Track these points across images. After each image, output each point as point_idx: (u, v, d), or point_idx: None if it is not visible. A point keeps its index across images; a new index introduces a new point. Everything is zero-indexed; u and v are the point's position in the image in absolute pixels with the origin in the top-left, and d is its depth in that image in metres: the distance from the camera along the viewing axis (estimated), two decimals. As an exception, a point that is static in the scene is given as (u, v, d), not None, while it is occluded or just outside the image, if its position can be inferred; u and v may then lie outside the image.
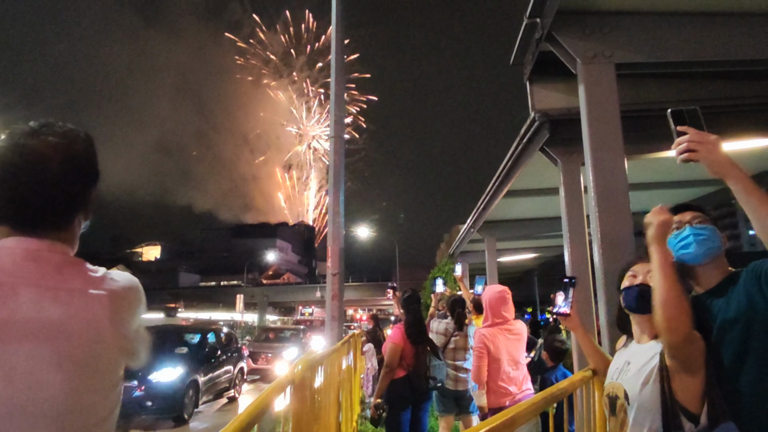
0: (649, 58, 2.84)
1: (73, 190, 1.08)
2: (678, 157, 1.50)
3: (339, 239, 5.89)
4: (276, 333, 17.90)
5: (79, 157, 1.09)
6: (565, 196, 3.51)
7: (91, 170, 1.12)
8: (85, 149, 1.11)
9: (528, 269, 15.04)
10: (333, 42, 6.35)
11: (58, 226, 1.07)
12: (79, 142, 1.10)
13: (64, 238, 1.08)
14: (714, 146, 1.44)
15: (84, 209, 1.13)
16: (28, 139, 1.02)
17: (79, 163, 1.09)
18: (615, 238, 2.63)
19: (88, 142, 1.12)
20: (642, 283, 1.76)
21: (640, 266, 1.83)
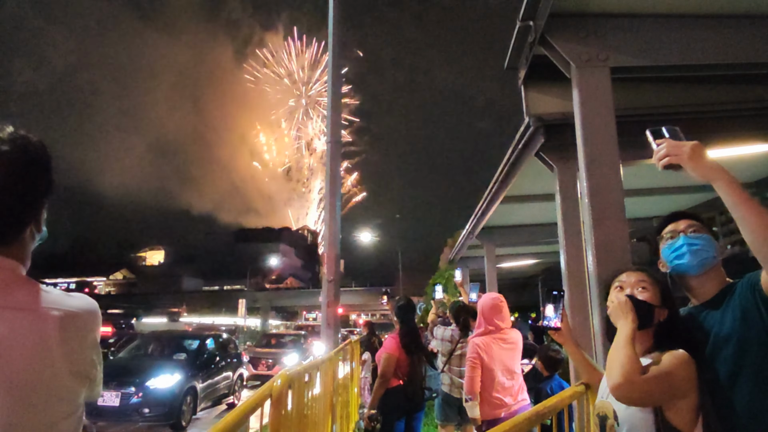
0: (645, 62, 2.78)
1: (21, 202, 1.01)
2: (659, 164, 1.46)
3: (335, 245, 5.83)
4: (277, 339, 17.81)
5: (29, 167, 1.02)
6: (561, 203, 3.44)
7: (43, 180, 1.05)
8: (35, 158, 1.04)
9: (531, 275, 14.92)
10: (330, 47, 6.32)
11: (5, 240, 1.00)
12: (29, 150, 1.03)
13: (13, 254, 1.01)
14: (694, 150, 1.39)
15: (36, 221, 1.06)
16: None
17: (29, 172, 1.02)
18: (610, 246, 2.55)
19: (39, 149, 1.05)
20: (629, 296, 1.68)
21: (627, 276, 1.75)
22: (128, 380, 8.62)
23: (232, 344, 12.67)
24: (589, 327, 3.42)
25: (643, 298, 1.66)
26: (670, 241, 1.78)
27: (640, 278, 1.71)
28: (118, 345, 12.46)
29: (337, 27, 6.28)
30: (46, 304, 0.98)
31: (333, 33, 6.24)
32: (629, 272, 1.75)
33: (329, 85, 6.17)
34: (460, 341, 4.97)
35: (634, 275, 1.73)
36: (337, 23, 6.24)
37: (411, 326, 4.37)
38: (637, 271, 1.75)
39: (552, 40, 2.76)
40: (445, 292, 8.44)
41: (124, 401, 8.32)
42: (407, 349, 4.17)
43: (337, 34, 6.36)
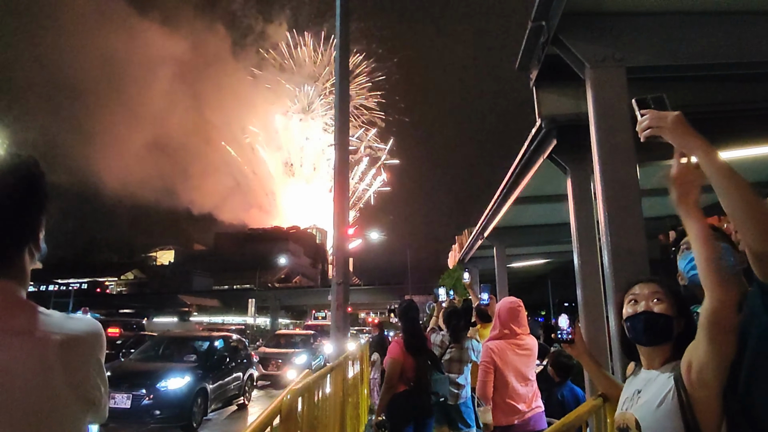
0: (662, 61, 2.69)
1: (17, 224, 0.98)
2: (641, 135, 1.46)
3: (344, 247, 5.79)
4: (286, 339, 17.82)
5: (23, 187, 0.99)
6: (574, 206, 3.36)
7: (38, 198, 1.03)
8: (32, 178, 1.01)
9: (541, 274, 14.80)
10: (337, 47, 6.27)
11: (3, 263, 0.97)
12: (22, 170, 1.00)
13: (11, 276, 0.97)
14: (675, 121, 1.40)
15: (34, 241, 1.03)
16: None
17: (23, 193, 0.99)
18: (627, 252, 2.48)
19: (31, 167, 1.02)
20: (646, 311, 1.61)
21: (640, 288, 1.68)
22: (139, 382, 8.67)
23: (242, 345, 12.69)
24: (604, 334, 3.35)
25: (659, 310, 1.60)
26: (686, 252, 1.72)
27: (653, 290, 1.65)
28: (126, 346, 12.55)
29: (344, 45, 6.23)
30: (47, 328, 0.95)
31: (340, 49, 6.19)
32: (642, 284, 1.69)
33: (336, 91, 6.12)
34: (450, 346, 4.91)
35: (648, 287, 1.67)
36: (344, 46, 6.19)
37: (413, 327, 4.30)
38: (650, 283, 1.69)
39: (565, 39, 2.68)
40: (454, 293, 8.38)
41: (135, 403, 8.36)
42: (412, 351, 4.10)
43: (344, 46, 6.31)
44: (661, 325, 1.58)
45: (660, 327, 1.57)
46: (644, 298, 1.64)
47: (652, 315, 1.58)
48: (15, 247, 0.98)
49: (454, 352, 4.87)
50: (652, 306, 1.61)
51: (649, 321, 1.59)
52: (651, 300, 1.62)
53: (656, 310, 1.59)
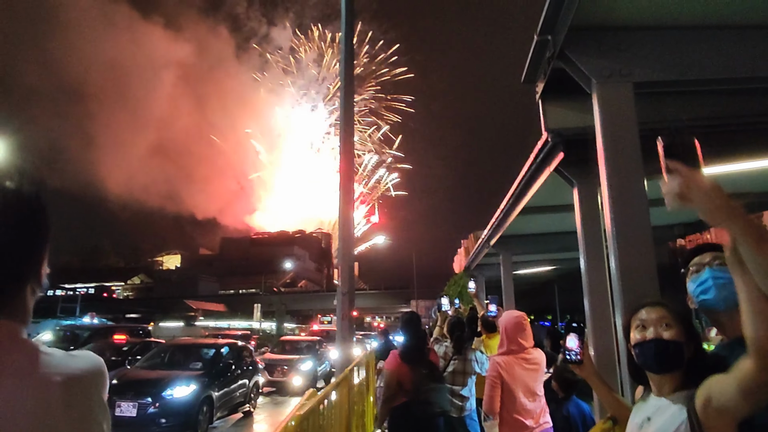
0: (669, 76, 2.66)
1: (18, 262, 0.95)
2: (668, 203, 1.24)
3: (349, 257, 5.77)
4: (292, 345, 17.81)
5: (26, 223, 0.96)
6: (581, 221, 3.32)
7: (40, 235, 0.99)
8: (33, 212, 0.97)
9: (547, 280, 14.72)
10: (342, 50, 6.27)
11: (6, 302, 0.93)
12: (26, 205, 0.97)
13: (11, 315, 0.94)
14: (712, 191, 1.17)
15: (35, 277, 0.99)
16: None
17: (25, 229, 0.96)
18: (635, 270, 2.45)
19: (37, 203, 0.98)
20: (656, 338, 1.58)
21: (647, 312, 1.65)
22: (145, 391, 8.70)
23: (247, 351, 12.69)
24: (613, 345, 3.31)
25: (669, 336, 1.57)
26: (695, 275, 1.68)
27: (661, 315, 1.62)
28: (132, 352, 12.57)
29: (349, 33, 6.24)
30: (48, 369, 0.93)
31: (345, 58, 6.20)
32: (649, 308, 1.65)
33: (341, 100, 6.12)
34: (453, 357, 4.87)
35: (655, 311, 1.63)
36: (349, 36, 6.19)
37: (414, 338, 4.26)
38: (657, 307, 1.65)
39: (571, 54, 2.66)
40: (460, 302, 8.33)
41: (141, 412, 8.39)
42: (408, 362, 4.05)
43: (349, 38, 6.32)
44: (672, 352, 1.55)
45: (670, 354, 1.54)
46: (652, 324, 1.61)
47: (662, 342, 1.55)
48: (15, 286, 0.95)
49: (458, 364, 4.83)
50: (662, 332, 1.57)
51: (659, 348, 1.56)
52: (660, 326, 1.59)
53: (666, 337, 1.56)
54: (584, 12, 2.53)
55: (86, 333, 15.07)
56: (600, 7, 2.55)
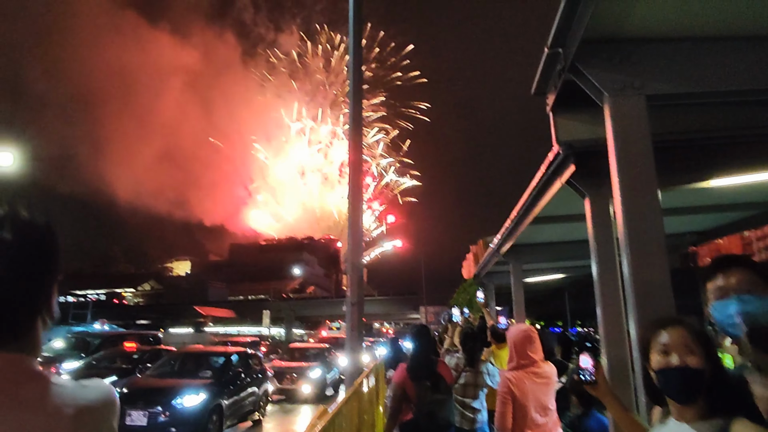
0: (684, 89, 2.62)
1: (30, 294, 0.94)
2: None
3: (358, 267, 5.75)
4: (301, 352, 17.80)
5: (37, 254, 0.95)
6: (594, 233, 3.27)
7: (52, 266, 0.98)
8: (43, 243, 0.97)
9: (558, 287, 14.59)
10: (350, 65, 6.28)
11: (15, 335, 0.93)
12: (36, 236, 0.96)
13: (23, 347, 0.93)
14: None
15: (47, 309, 0.98)
16: None
17: (37, 260, 0.95)
18: (650, 285, 2.40)
19: (47, 233, 0.98)
20: (681, 367, 1.53)
21: (669, 336, 1.59)
22: (155, 399, 8.73)
23: (257, 359, 12.70)
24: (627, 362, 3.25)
25: (694, 364, 1.51)
26: (720, 301, 1.61)
27: (684, 339, 1.56)
28: (142, 360, 12.63)
29: (358, 42, 6.24)
30: (59, 401, 0.92)
31: (354, 67, 6.21)
32: (670, 329, 1.60)
33: (351, 108, 6.12)
34: (464, 369, 4.81)
35: (678, 334, 1.58)
36: (357, 44, 6.20)
37: (423, 348, 4.22)
38: (678, 328, 1.60)
39: (583, 67, 2.63)
40: (469, 311, 8.27)
41: (152, 420, 8.41)
42: (414, 375, 4.01)
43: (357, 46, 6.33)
44: (697, 382, 1.49)
45: (695, 383, 1.49)
46: (675, 349, 1.55)
47: (688, 371, 1.50)
48: (27, 319, 0.94)
49: (469, 377, 4.77)
50: (686, 359, 1.52)
51: (684, 377, 1.51)
52: (683, 351, 1.53)
53: (691, 365, 1.51)
54: (596, 24, 2.49)
55: (97, 341, 15.18)
56: (612, 19, 2.52)
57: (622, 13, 2.49)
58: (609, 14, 2.47)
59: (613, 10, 2.47)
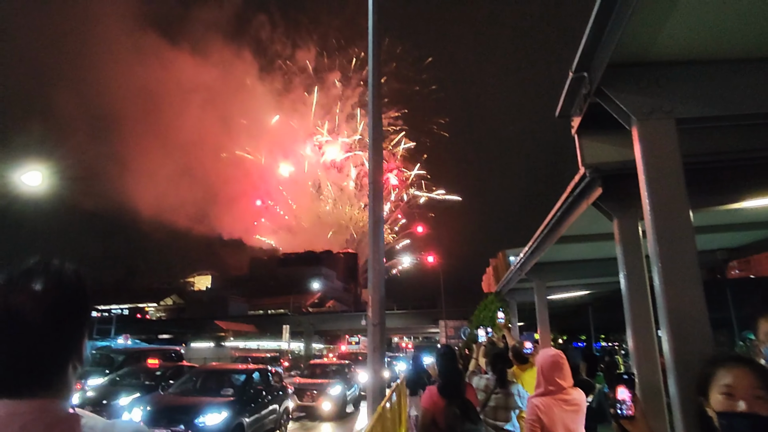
0: (714, 111, 2.55)
1: (61, 341, 0.97)
2: None
3: (380, 288, 5.72)
4: (321, 368, 17.75)
5: (67, 302, 0.98)
6: (623, 256, 3.19)
7: (82, 312, 1.01)
8: (74, 291, 1.00)
9: (582, 303, 14.32)
10: (370, 88, 6.33)
11: (48, 382, 0.95)
12: (67, 285, 0.99)
13: (55, 392, 0.96)
14: None
15: (78, 355, 1.01)
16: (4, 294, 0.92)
17: (68, 308, 0.98)
18: (686, 316, 2.32)
19: (77, 281, 1.01)
20: (753, 414, 1.42)
21: (735, 378, 1.50)
22: (178, 418, 8.77)
23: (278, 376, 12.71)
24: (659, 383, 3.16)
25: (764, 412, 1.42)
26: None
27: (753, 383, 1.46)
28: (165, 377, 12.74)
29: (377, 77, 6.29)
30: None
31: (373, 83, 6.25)
32: (735, 371, 1.50)
33: (370, 127, 6.15)
34: (494, 391, 4.70)
35: (743, 376, 1.47)
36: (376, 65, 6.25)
37: (450, 374, 4.15)
38: (744, 368, 1.50)
39: (609, 92, 2.59)
40: (492, 329, 8.15)
41: (175, 439, 8.44)
42: (444, 395, 3.93)
43: (377, 80, 6.37)
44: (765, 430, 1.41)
45: None
46: (745, 394, 1.45)
47: (758, 420, 1.41)
48: (59, 366, 0.97)
49: (500, 399, 4.67)
50: (755, 406, 1.43)
51: (754, 427, 1.41)
52: (752, 397, 1.44)
53: (762, 413, 1.41)
54: (622, 48, 2.46)
55: (121, 357, 15.39)
56: (638, 42, 2.48)
57: (649, 36, 2.46)
58: (636, 38, 2.44)
59: (640, 34, 2.43)
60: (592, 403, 4.65)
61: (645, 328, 3.23)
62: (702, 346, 2.21)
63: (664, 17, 2.32)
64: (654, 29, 2.41)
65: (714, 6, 2.28)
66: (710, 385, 1.57)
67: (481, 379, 4.96)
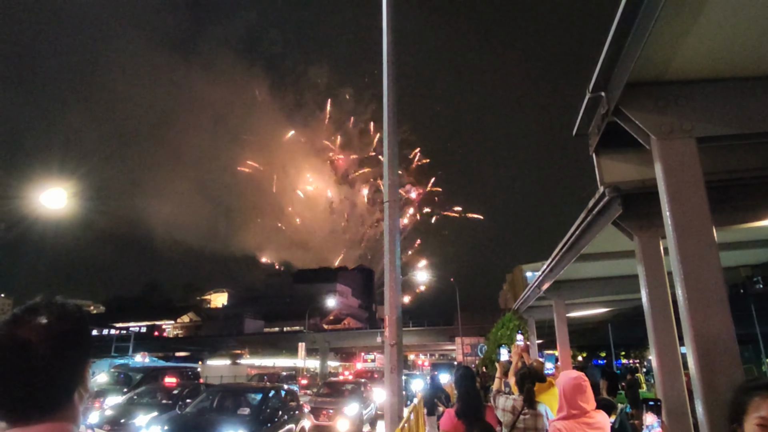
0: (734, 130, 2.52)
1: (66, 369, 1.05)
2: None
3: (396, 307, 5.68)
4: (337, 387, 17.60)
5: (70, 336, 1.07)
6: (646, 278, 3.14)
7: (84, 344, 1.11)
8: (76, 325, 1.09)
9: (602, 320, 14.06)
10: (384, 105, 6.37)
11: (56, 408, 1.03)
12: (69, 320, 1.08)
13: (64, 416, 1.04)
14: None
15: (82, 383, 1.10)
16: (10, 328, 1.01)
17: (70, 341, 1.07)
18: (713, 339, 2.26)
19: (78, 317, 1.11)
20: None
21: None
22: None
23: (294, 395, 12.63)
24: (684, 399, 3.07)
25: None
26: None
27: None
28: (182, 396, 12.75)
29: (392, 90, 6.34)
30: None
31: (387, 95, 6.30)
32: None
33: (385, 145, 6.17)
34: (522, 412, 4.58)
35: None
36: (392, 91, 6.30)
37: (469, 396, 4.07)
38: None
39: (627, 111, 2.58)
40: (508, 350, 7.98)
41: (191, 459, 8.41)
42: (464, 417, 3.85)
43: (392, 90, 6.42)
44: None
45: None
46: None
47: None
48: (64, 392, 1.05)
49: (529, 420, 4.55)
50: None
51: None
52: None
53: None
54: (640, 67, 2.45)
55: (139, 375, 15.46)
56: (657, 61, 2.47)
57: (667, 55, 2.45)
58: (654, 57, 2.43)
59: (659, 53, 2.42)
60: (615, 424, 4.52)
61: (669, 345, 3.16)
62: (731, 371, 2.15)
63: (682, 36, 2.31)
64: (672, 48, 2.40)
65: (732, 24, 2.27)
66: (745, 414, 1.51)
67: (507, 399, 4.85)
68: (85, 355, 1.10)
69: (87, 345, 1.11)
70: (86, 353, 1.11)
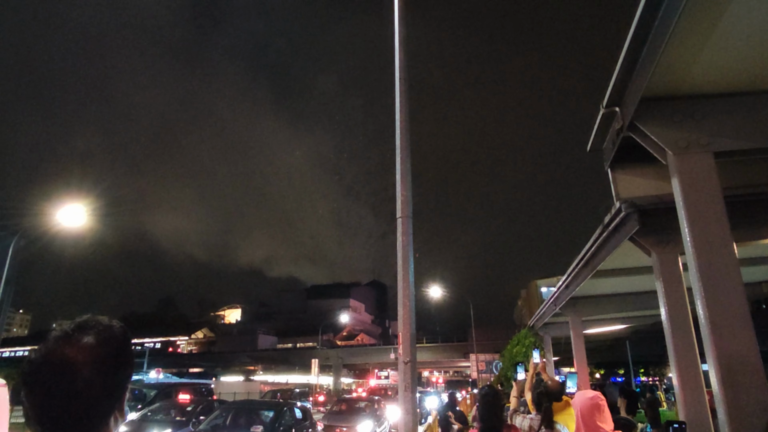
0: (752, 144, 2.48)
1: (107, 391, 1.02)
2: None
3: (410, 324, 5.62)
4: (350, 404, 17.43)
5: (114, 359, 1.04)
6: (665, 294, 3.08)
7: (127, 368, 1.08)
8: (121, 347, 1.07)
9: (619, 336, 13.78)
10: (397, 118, 6.38)
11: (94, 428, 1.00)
12: (115, 342, 1.05)
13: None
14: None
15: (119, 408, 1.06)
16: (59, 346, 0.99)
17: (115, 364, 1.04)
18: (738, 361, 2.20)
19: (123, 336, 1.08)
20: None
21: None
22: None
23: (307, 413, 12.54)
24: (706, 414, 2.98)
25: None
26: None
27: None
28: (196, 413, 12.72)
29: (404, 102, 6.35)
30: None
31: (399, 107, 6.32)
32: None
33: (398, 160, 6.15)
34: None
35: None
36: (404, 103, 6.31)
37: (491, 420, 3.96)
38: None
39: (642, 126, 2.55)
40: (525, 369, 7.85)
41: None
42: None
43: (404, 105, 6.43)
44: None
45: None
46: None
47: None
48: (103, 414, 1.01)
49: None
50: None
51: None
52: None
53: None
54: (655, 81, 2.44)
55: (153, 392, 15.49)
56: (672, 75, 2.45)
57: (683, 69, 2.43)
58: (669, 71, 2.42)
59: (674, 67, 2.41)
60: None
61: (690, 363, 3.09)
62: (756, 390, 2.09)
63: (698, 49, 2.29)
64: (688, 62, 2.39)
65: (747, 39, 2.25)
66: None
67: (524, 419, 4.74)
68: (126, 379, 1.07)
69: (130, 369, 1.08)
70: (128, 377, 1.08)
